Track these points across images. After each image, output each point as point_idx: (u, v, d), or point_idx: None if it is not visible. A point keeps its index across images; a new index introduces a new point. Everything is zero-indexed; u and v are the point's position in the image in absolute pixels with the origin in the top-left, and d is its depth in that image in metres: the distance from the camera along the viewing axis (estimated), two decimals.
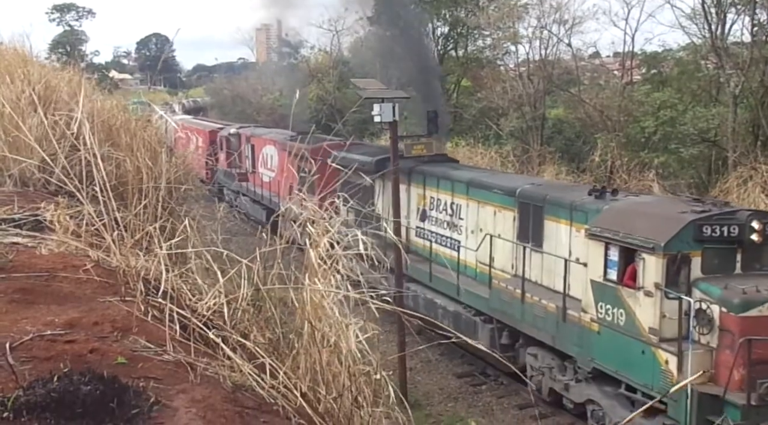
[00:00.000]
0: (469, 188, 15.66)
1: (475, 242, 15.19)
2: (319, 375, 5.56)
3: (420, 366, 15.34)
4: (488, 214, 15.00)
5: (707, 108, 25.76)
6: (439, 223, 16.78)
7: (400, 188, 17.05)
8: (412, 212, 17.65)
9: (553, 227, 13.20)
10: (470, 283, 15.15)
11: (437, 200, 16.84)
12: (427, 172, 17.26)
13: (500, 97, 31.67)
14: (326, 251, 5.56)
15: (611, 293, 11.32)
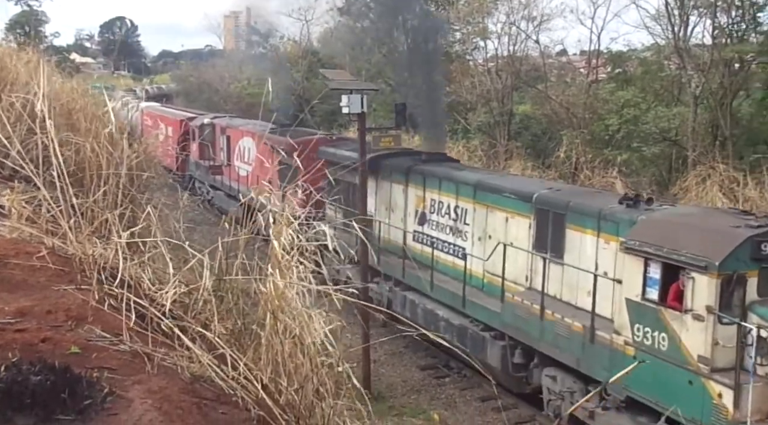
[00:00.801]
0: (477, 191, 14.28)
1: (483, 249, 13.95)
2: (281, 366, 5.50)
3: (384, 358, 15.35)
4: (499, 220, 13.68)
5: (669, 108, 26.20)
6: (440, 228, 15.39)
7: (397, 188, 16.49)
8: (409, 214, 16.28)
9: (576, 237, 11.94)
10: (477, 294, 13.86)
11: (439, 202, 15.44)
12: (428, 172, 15.87)
13: (469, 92, 31.79)
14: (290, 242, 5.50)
15: (651, 314, 10.14)
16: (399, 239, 16.21)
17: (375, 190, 17.12)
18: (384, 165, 17.02)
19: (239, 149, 26.98)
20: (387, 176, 16.95)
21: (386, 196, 17.00)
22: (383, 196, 17.14)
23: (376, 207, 17.20)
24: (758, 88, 25.47)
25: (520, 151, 29.82)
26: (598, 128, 27.28)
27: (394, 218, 16.66)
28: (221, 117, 31.25)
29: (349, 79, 16.46)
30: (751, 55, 24.04)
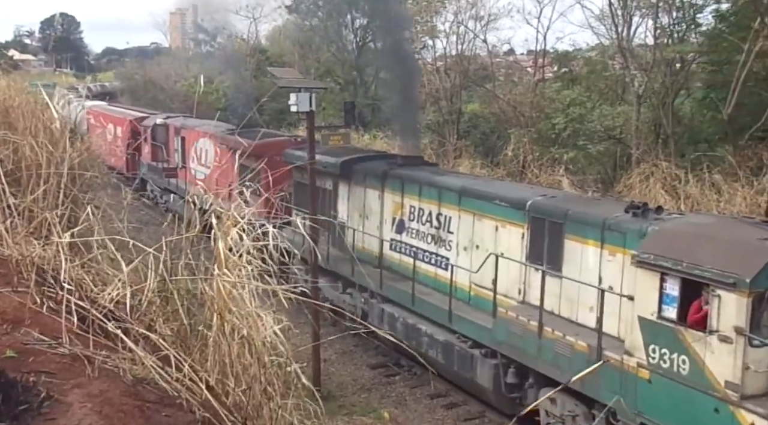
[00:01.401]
0: (462, 197, 13.33)
1: (469, 260, 13.05)
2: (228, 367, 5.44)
3: (334, 357, 15.31)
4: (487, 229, 12.77)
5: (613, 106, 26.79)
6: (421, 236, 14.36)
7: (372, 193, 15.52)
8: (385, 221, 15.27)
9: (576, 248, 11.09)
10: (464, 308, 12.95)
11: (419, 209, 14.39)
12: (407, 177, 14.82)
13: (418, 91, 31.88)
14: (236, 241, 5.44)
15: (669, 334, 9.27)
16: (374, 248, 15.26)
17: (347, 195, 16.27)
18: (357, 169, 16.04)
19: (196, 151, 25.84)
20: (360, 180, 15.95)
21: (360, 202, 15.99)
22: (356, 202, 16.12)
23: (348, 214, 16.28)
24: (698, 88, 26.23)
25: (469, 149, 30.12)
26: (545, 126, 27.72)
27: (368, 226, 15.66)
28: (175, 117, 30.05)
29: (298, 78, 16.34)
30: (692, 55, 24.76)
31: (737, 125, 21.86)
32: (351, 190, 16.25)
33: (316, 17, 36.56)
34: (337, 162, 16.16)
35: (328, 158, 16.46)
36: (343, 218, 16.28)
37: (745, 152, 21.05)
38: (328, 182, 16.68)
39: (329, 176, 16.60)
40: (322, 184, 16.33)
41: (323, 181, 16.32)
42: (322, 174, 16.20)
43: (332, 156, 16.57)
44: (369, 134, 32.52)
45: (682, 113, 25.42)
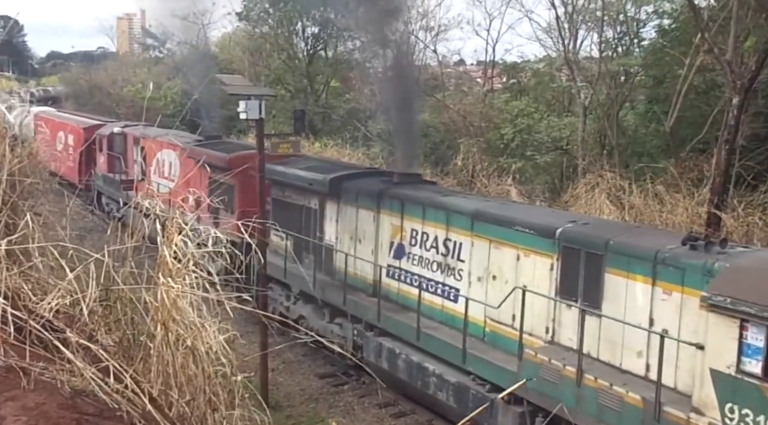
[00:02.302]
0: (476, 222, 11.95)
1: (483, 291, 11.77)
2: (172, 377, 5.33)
3: (282, 366, 15.16)
4: (507, 258, 11.43)
5: (560, 118, 27.33)
6: (424, 263, 12.99)
7: (365, 215, 14.14)
8: (382, 246, 13.87)
9: (619, 283, 9.83)
10: (479, 346, 11.55)
11: (422, 233, 13.01)
12: (406, 197, 13.41)
13: (368, 100, 32.03)
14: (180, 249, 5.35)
15: (753, 393, 8.02)
16: (369, 275, 13.91)
17: (336, 216, 14.87)
18: (348, 187, 14.61)
19: (158, 163, 24.08)
20: (352, 200, 14.48)
21: (351, 223, 14.55)
22: (347, 223, 14.63)
23: (338, 236, 14.85)
24: (642, 101, 26.98)
25: (419, 158, 30.26)
26: (493, 136, 28.10)
27: (361, 250, 14.24)
28: (134, 126, 27.91)
29: (247, 85, 16.24)
30: (635, 68, 25.47)
31: (679, 137, 22.53)
32: (341, 210, 14.77)
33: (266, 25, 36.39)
34: (325, 179, 14.83)
35: (314, 174, 15.24)
36: (330, 241, 14.93)
37: (686, 164, 21.69)
38: (313, 201, 15.44)
39: (315, 194, 15.31)
40: (307, 203, 15.46)
41: (308, 199, 15.42)
42: (306, 192, 15.41)
43: (318, 172, 15.34)
44: (320, 141, 32.46)
45: (626, 124, 26.09)
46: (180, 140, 22.30)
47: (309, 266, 15.09)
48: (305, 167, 15.91)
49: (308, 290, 14.91)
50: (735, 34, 18.48)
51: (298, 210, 15.76)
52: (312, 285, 14.63)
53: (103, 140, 27.80)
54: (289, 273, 15.60)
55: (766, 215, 17.64)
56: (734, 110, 17.33)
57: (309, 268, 15.04)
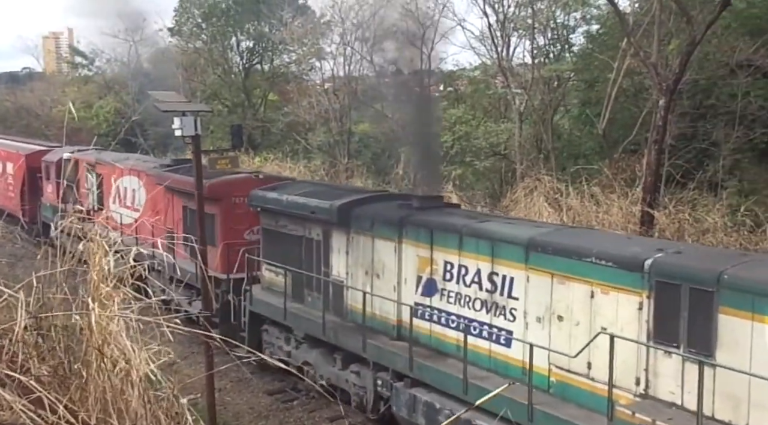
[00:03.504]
0: (532, 252, 10.16)
1: (546, 335, 10.01)
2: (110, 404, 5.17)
3: (230, 386, 14.89)
4: (577, 295, 9.70)
5: (497, 124, 27.80)
6: (464, 301, 11.17)
7: (384, 245, 12.30)
8: (406, 281, 12.04)
9: (740, 326, 8.20)
10: (546, 400, 9.72)
11: (459, 267, 11.17)
12: (437, 224, 11.58)
13: (307, 112, 31.98)
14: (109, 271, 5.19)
15: None
16: (390, 315, 12.19)
17: (345, 247, 13.09)
18: (359, 214, 12.79)
19: (119, 191, 22.05)
20: (365, 228, 12.66)
21: (365, 256, 12.69)
22: (360, 256, 12.81)
23: (348, 271, 13.04)
24: (575, 105, 27.67)
25: (361, 169, 30.37)
26: None
27: (380, 286, 12.39)
28: (86, 150, 25.68)
29: (181, 101, 15.92)
30: (567, 73, 26.12)
31: (611, 139, 23.18)
32: (351, 241, 12.96)
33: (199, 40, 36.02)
34: (332, 206, 13.00)
35: (317, 200, 13.47)
36: (339, 276, 13.21)
37: (620, 165, 22.31)
38: (315, 231, 13.68)
39: (317, 224, 13.56)
40: (306, 233, 13.75)
41: (308, 229, 13.72)
42: (306, 221, 13.66)
43: (321, 198, 13.56)
44: (259, 156, 32.20)
45: (561, 128, 26.72)
46: (144, 165, 20.77)
47: (313, 306, 13.51)
48: (303, 193, 14.14)
49: (316, 334, 13.17)
50: (659, 38, 19.15)
51: (296, 242, 13.95)
52: (322, 328, 12.92)
53: (51, 167, 25.45)
54: (291, 314, 13.82)
55: (695, 212, 18.25)
56: (661, 111, 17.94)
57: (314, 307, 13.46)
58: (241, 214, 16.05)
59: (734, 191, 19.49)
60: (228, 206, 16.17)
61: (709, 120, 21.22)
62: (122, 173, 21.54)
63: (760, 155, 20.84)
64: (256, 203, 14.78)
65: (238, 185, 16.42)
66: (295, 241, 14.02)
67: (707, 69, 20.69)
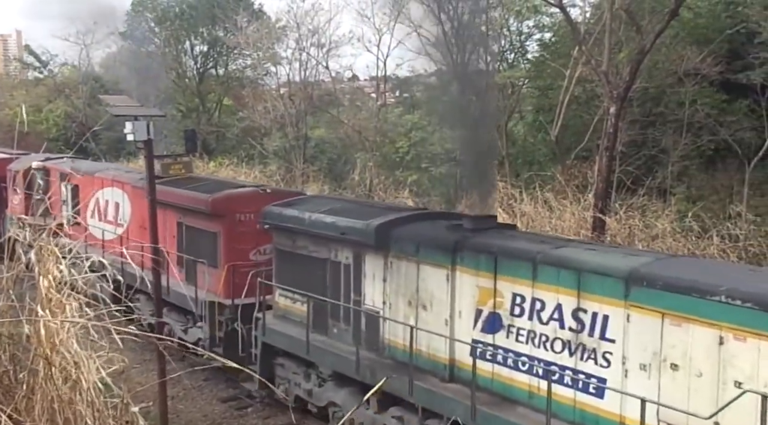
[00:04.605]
0: (634, 287, 8.59)
1: (654, 386, 8.45)
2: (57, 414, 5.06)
3: (182, 393, 14.65)
4: (698, 340, 8.17)
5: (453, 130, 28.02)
6: (539, 340, 9.65)
7: (433, 273, 10.70)
8: (461, 314, 10.48)
9: None
10: None
11: (533, 300, 9.68)
12: (503, 250, 10.01)
13: (262, 117, 31.77)
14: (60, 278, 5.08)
15: None
16: (440, 352, 10.60)
17: (383, 273, 11.49)
18: (400, 236, 11.16)
19: (98, 204, 20.05)
20: (408, 252, 11.03)
21: (408, 284, 11.18)
22: (401, 283, 11.23)
23: (386, 300, 11.43)
24: (529, 111, 28.08)
25: (317, 174, 30.30)
26: (389, 150, 28.49)
27: (428, 319, 10.81)
28: (58, 158, 23.65)
29: (134, 105, 15.65)
30: (521, 80, 26.49)
31: (564, 145, 23.58)
32: (390, 266, 11.37)
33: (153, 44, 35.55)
34: (368, 227, 11.36)
35: (348, 219, 11.81)
36: (374, 306, 11.61)
37: (572, 171, 22.71)
38: (344, 254, 12.04)
39: (347, 245, 11.90)
40: (332, 256, 12.15)
41: (334, 251, 12.11)
42: (332, 242, 12.06)
43: (351, 217, 11.92)
44: (214, 161, 31.88)
45: (516, 135, 27.07)
46: (128, 177, 18.83)
47: (340, 338, 11.98)
48: (328, 210, 12.49)
49: (347, 372, 11.48)
50: (609, 47, 19.55)
51: (318, 265, 12.36)
52: (356, 366, 11.25)
53: (17, 177, 23.09)
54: (315, 348, 12.09)
55: (645, 218, 18.67)
56: (612, 119, 18.32)
57: (340, 340, 11.94)
58: (246, 232, 14.47)
59: (682, 197, 20.01)
60: (232, 223, 14.56)
61: (658, 127, 21.77)
62: (103, 184, 19.68)
63: (707, 162, 21.45)
64: (270, 221, 13.15)
65: (243, 200, 14.80)
66: (317, 264, 12.39)
67: (656, 77, 21.21)
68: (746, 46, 19.80)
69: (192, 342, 14.43)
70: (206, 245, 15.00)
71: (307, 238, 12.53)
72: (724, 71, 20.24)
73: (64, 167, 21.68)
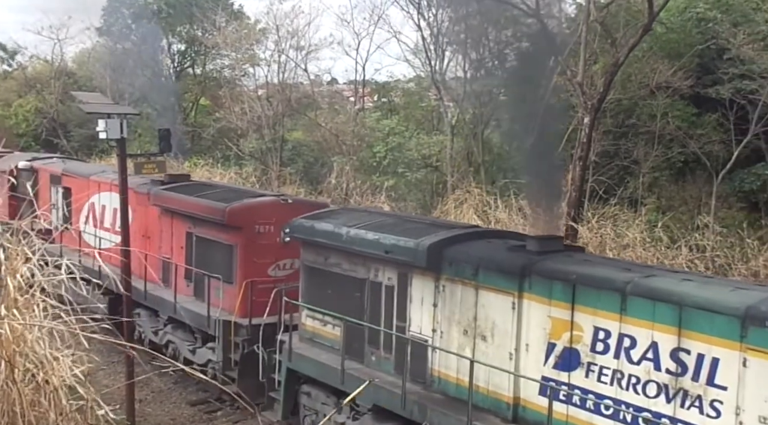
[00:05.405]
0: (751, 326, 7.53)
1: None
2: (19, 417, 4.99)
3: (151, 396, 14.51)
4: None
5: (430, 136, 28.14)
6: (625, 382, 8.53)
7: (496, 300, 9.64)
8: (529, 347, 9.41)
9: None
10: None
11: (620, 336, 8.56)
12: (583, 277, 8.93)
13: (239, 118, 31.61)
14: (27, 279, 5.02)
15: None
16: (502, 389, 9.53)
17: (432, 297, 10.41)
18: (454, 256, 10.14)
19: (94, 209, 18.63)
20: (465, 275, 10.01)
21: (464, 311, 10.06)
22: (455, 309, 10.16)
23: (436, 327, 10.38)
24: (506, 119, 28.25)
25: (293, 177, 30.22)
26: (366, 154, 28.53)
27: (488, 352, 9.76)
28: (47, 158, 22.09)
29: (107, 103, 15.50)
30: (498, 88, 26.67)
31: None
32: (442, 290, 10.30)
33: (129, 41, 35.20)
34: (419, 246, 10.24)
35: (392, 237, 10.62)
36: (421, 333, 10.51)
37: None
38: (386, 274, 10.93)
39: (390, 265, 10.83)
40: (372, 276, 11.09)
41: (374, 271, 11.04)
42: (373, 261, 11.02)
43: (396, 233, 10.73)
44: (189, 161, 31.64)
45: (492, 142, 27.24)
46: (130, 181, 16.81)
47: (381, 367, 10.91)
48: (368, 225, 11.34)
49: (391, 407, 10.28)
50: (585, 58, 19.79)
51: (355, 286, 11.33)
52: (401, 401, 10.05)
53: (2, 177, 21.12)
54: (351, 376, 10.91)
55: (617, 226, 18.91)
56: (586, 129, 18.54)
57: (380, 369, 10.89)
58: (265, 245, 13.49)
59: (652, 208, 20.30)
60: (251, 236, 13.46)
61: (630, 139, 22.07)
62: (100, 187, 18.22)
63: (677, 173, 21.79)
64: (299, 235, 12.08)
65: (262, 210, 13.77)
66: (353, 284, 11.32)
67: (629, 90, 21.50)
68: (716, 62, 20.19)
69: (201, 364, 13.87)
70: (220, 259, 13.88)
71: (341, 255, 11.48)
72: (695, 85, 20.62)
73: (54, 168, 20.77)
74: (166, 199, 15.36)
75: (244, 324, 13.21)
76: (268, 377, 12.60)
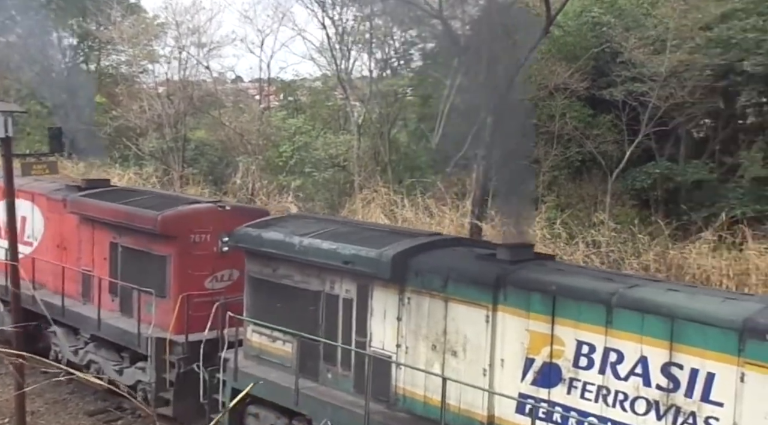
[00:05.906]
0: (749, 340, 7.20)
1: None
2: None
3: (45, 408, 13.79)
4: None
5: (336, 135, 28.07)
6: (612, 398, 8.14)
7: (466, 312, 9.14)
8: (504, 363, 8.97)
9: None
10: None
11: (606, 350, 8.17)
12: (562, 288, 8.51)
13: (138, 117, 30.50)
14: None
15: None
16: (476, 407, 9.06)
17: (396, 310, 9.86)
18: (421, 267, 9.63)
19: None
20: (433, 286, 9.52)
21: (432, 324, 9.54)
22: (422, 323, 9.62)
23: (400, 342, 9.85)
24: (412, 119, 28.58)
25: (197, 177, 29.46)
26: (272, 154, 28.16)
27: (459, 368, 9.31)
28: None
29: None
30: (404, 88, 26.93)
31: (444, 153, 24.14)
32: (407, 302, 9.75)
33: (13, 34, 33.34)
34: (382, 256, 9.69)
35: (352, 246, 10.06)
36: (384, 348, 9.96)
37: (452, 179, 23.29)
38: (342, 286, 10.40)
39: (349, 277, 10.29)
40: (327, 288, 10.54)
41: (330, 283, 10.50)
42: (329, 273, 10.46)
43: (355, 243, 10.17)
44: (84, 162, 30.27)
45: (398, 142, 27.46)
46: (40, 186, 16.33)
47: (338, 385, 10.38)
48: (323, 234, 10.66)
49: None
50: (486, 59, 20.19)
51: (308, 299, 10.76)
52: (365, 421, 9.47)
53: None
54: (306, 396, 10.32)
55: None
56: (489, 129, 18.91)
57: (339, 388, 10.35)
58: (201, 256, 12.83)
59: (552, 205, 20.95)
60: (186, 245, 12.70)
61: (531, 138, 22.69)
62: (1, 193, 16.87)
63: (575, 172, 22.59)
64: (244, 245, 11.44)
65: (198, 218, 13.00)
66: (306, 297, 10.77)
67: (529, 90, 22.10)
68: (610, 65, 21.03)
69: (129, 385, 12.81)
70: (151, 271, 12.99)
71: (292, 266, 10.84)
72: (590, 87, 21.40)
73: None
74: (86, 206, 14.28)
75: (180, 342, 12.38)
76: (210, 398, 11.63)
